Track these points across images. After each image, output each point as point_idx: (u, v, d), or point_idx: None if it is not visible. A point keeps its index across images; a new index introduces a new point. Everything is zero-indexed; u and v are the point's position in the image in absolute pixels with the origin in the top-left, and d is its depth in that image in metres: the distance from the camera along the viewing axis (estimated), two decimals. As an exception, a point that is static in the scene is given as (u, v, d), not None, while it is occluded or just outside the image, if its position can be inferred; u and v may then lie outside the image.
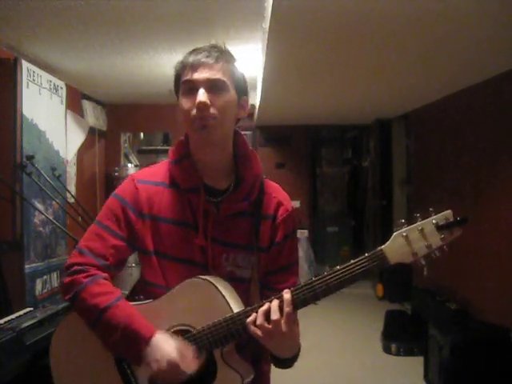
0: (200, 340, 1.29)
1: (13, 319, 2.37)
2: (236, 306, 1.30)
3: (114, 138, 6.33)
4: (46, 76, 4.06)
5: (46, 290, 3.83)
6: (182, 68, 1.35)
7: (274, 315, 1.23)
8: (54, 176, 3.98)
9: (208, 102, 1.29)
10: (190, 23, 3.25)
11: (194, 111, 1.30)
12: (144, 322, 1.29)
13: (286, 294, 1.24)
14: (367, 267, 1.22)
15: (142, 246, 1.37)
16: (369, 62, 3.74)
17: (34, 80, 3.83)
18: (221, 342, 1.28)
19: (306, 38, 3.14)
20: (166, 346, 1.25)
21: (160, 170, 1.43)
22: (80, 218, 4.10)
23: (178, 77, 1.37)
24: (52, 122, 4.16)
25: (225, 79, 1.33)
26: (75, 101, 5.11)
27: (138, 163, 6.70)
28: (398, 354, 4.56)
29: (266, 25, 2.85)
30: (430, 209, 1.22)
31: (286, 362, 1.33)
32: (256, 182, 1.40)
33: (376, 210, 6.93)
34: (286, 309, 1.23)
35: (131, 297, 1.41)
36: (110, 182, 6.03)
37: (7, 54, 3.67)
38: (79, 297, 1.30)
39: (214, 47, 1.37)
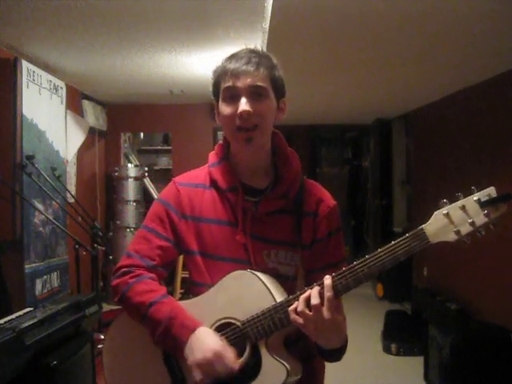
0: (244, 332, 1.30)
1: (13, 319, 2.37)
2: (279, 296, 1.30)
3: (113, 138, 6.33)
4: (45, 76, 4.06)
5: (46, 290, 3.83)
6: (223, 74, 1.35)
7: (314, 300, 1.21)
8: (54, 176, 3.98)
9: (251, 110, 1.31)
10: (189, 23, 3.25)
11: (237, 120, 1.32)
12: (188, 316, 1.32)
13: (327, 280, 1.23)
14: (408, 247, 1.20)
15: (186, 247, 1.41)
16: (369, 62, 3.74)
17: (34, 80, 3.82)
18: (265, 332, 1.28)
19: (305, 38, 3.14)
20: (209, 338, 1.28)
21: (200, 173, 1.47)
22: (80, 218, 4.10)
23: (217, 82, 1.38)
24: (52, 122, 4.16)
25: (266, 86, 1.35)
26: (75, 101, 5.11)
27: (138, 163, 6.70)
28: (398, 353, 4.56)
29: (266, 25, 2.85)
30: (472, 187, 1.19)
31: (333, 354, 1.32)
32: (295, 179, 1.42)
33: (376, 210, 6.93)
34: (327, 294, 1.21)
35: (183, 298, 1.44)
36: (110, 182, 6.03)
37: (7, 54, 3.67)
38: (126, 296, 1.36)
39: (253, 52, 1.37)
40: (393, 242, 1.22)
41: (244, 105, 1.31)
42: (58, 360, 2.30)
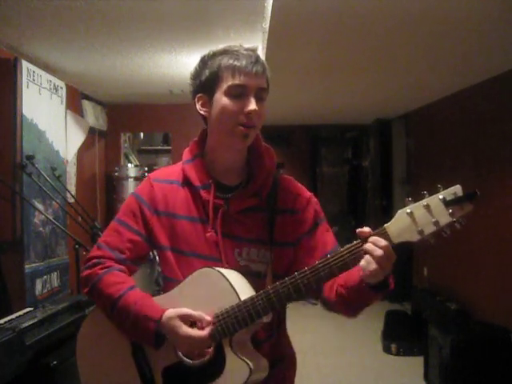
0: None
1: (13, 319, 2.37)
2: (244, 295, 1.30)
3: (113, 137, 6.32)
4: (45, 76, 4.05)
5: (46, 290, 3.83)
6: (229, 69, 1.34)
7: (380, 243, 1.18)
8: (54, 176, 3.97)
9: (258, 110, 1.34)
10: (190, 23, 3.26)
11: (242, 118, 1.33)
12: (153, 305, 1.34)
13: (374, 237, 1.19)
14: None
15: (157, 242, 1.42)
16: (369, 62, 3.74)
17: (34, 80, 3.82)
18: (228, 330, 1.29)
19: (305, 38, 3.14)
20: (175, 321, 1.29)
21: (174, 170, 1.48)
22: (80, 218, 4.09)
23: (216, 76, 1.36)
24: (52, 122, 4.15)
25: (267, 89, 1.38)
26: (75, 101, 5.10)
27: (138, 163, 6.70)
28: (398, 353, 4.56)
29: (266, 25, 2.85)
30: (438, 185, 1.15)
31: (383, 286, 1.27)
32: (268, 178, 1.42)
33: (376, 210, 6.93)
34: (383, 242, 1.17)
35: (157, 293, 1.45)
36: (110, 182, 6.02)
37: (7, 54, 3.67)
38: (96, 288, 1.37)
39: (254, 52, 1.38)
40: (354, 242, 1.21)
41: (254, 104, 1.33)
42: (57, 360, 2.30)
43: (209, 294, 1.32)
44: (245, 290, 1.32)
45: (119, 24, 3.26)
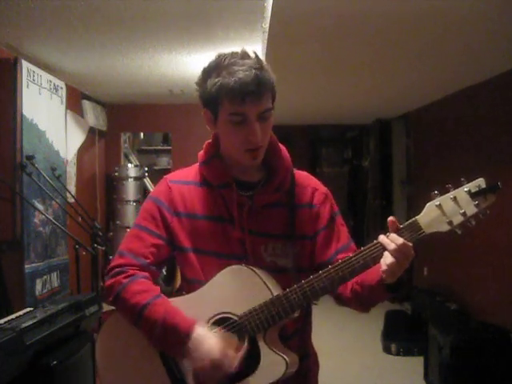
0: (242, 326, 1.30)
1: (13, 319, 2.37)
2: (275, 290, 1.31)
3: (114, 138, 6.32)
4: (46, 76, 4.06)
5: (46, 290, 3.83)
6: (228, 93, 1.28)
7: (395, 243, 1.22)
8: (54, 176, 3.98)
9: (261, 136, 1.32)
10: (189, 23, 3.26)
11: (246, 144, 1.32)
12: (183, 317, 1.32)
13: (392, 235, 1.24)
14: (403, 238, 1.23)
15: (179, 244, 1.41)
16: (369, 62, 3.74)
17: (34, 80, 3.82)
18: (263, 326, 1.29)
19: (305, 38, 3.14)
20: (207, 343, 1.27)
21: (190, 171, 1.47)
22: (80, 218, 4.09)
23: (217, 96, 1.31)
24: (52, 122, 4.16)
25: (270, 105, 1.34)
26: (75, 101, 5.11)
27: (138, 163, 6.70)
28: (398, 353, 4.56)
29: (266, 25, 2.85)
30: (462, 178, 1.21)
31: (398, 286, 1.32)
32: (287, 173, 1.43)
33: (376, 210, 6.93)
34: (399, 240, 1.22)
35: (177, 295, 1.44)
36: (110, 182, 6.02)
37: (7, 54, 3.67)
38: (120, 297, 1.35)
39: (254, 61, 1.30)
40: (388, 234, 1.24)
41: (256, 133, 1.30)
42: (57, 360, 2.30)
43: (240, 290, 1.32)
44: (275, 286, 1.33)
45: (119, 24, 3.26)
